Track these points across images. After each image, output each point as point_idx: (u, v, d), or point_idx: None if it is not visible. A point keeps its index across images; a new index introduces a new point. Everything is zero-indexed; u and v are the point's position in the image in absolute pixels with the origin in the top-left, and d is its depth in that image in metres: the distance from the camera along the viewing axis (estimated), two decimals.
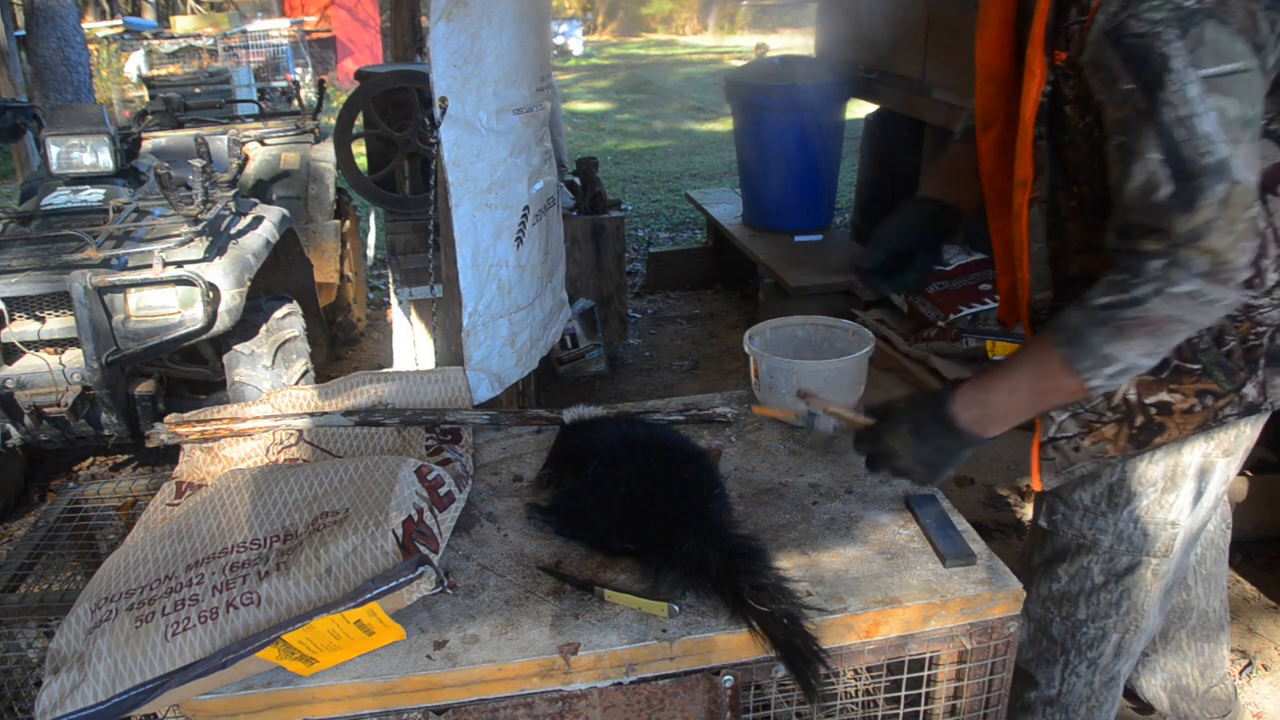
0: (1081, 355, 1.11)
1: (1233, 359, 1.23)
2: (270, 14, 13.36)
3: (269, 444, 1.56)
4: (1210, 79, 0.98)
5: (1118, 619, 1.45)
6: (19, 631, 1.84)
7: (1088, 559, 1.42)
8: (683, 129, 10.48)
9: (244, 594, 1.11)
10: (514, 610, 1.20)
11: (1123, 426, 1.30)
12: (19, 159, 5.95)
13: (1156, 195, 1.02)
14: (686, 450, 1.47)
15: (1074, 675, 1.50)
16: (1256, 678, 2.26)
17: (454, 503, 1.31)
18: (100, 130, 3.17)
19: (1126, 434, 1.30)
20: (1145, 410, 1.28)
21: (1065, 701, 1.53)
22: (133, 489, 2.10)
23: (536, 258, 2.02)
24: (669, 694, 1.17)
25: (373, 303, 5.23)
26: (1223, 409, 1.26)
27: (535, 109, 1.93)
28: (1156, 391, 1.27)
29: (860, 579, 1.24)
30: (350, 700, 1.10)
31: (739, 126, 4.83)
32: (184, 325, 2.73)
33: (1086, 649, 1.48)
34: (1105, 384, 1.13)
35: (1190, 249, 1.02)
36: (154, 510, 1.43)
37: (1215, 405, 1.26)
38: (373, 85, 3.58)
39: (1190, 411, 1.27)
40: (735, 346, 4.48)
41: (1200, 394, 1.25)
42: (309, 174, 4.24)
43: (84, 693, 1.05)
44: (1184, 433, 1.29)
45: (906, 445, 1.24)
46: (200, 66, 8.48)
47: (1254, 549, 2.72)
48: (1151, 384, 1.27)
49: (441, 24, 1.62)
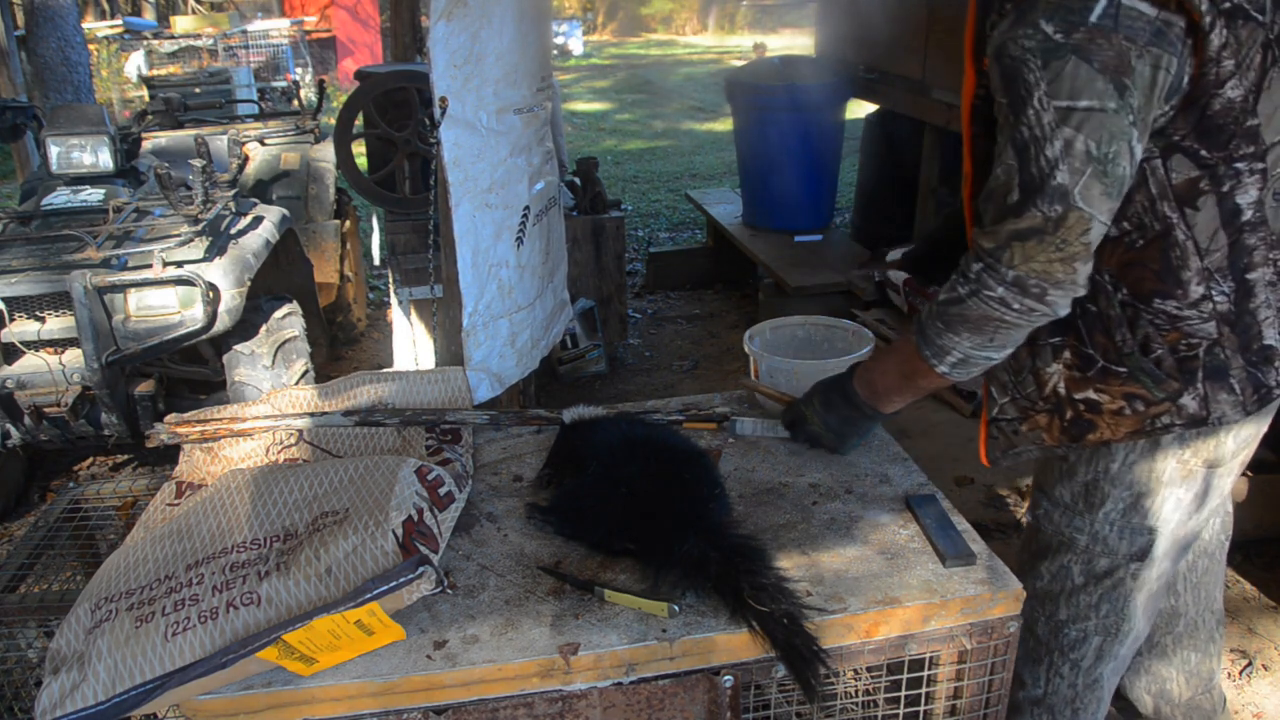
0: (924, 344, 1.25)
1: (1162, 367, 1.23)
2: (270, 14, 13.36)
3: (269, 444, 1.56)
4: (1062, 110, 1.03)
5: (1098, 622, 1.45)
6: (19, 631, 1.84)
7: (1067, 558, 1.44)
8: (683, 129, 10.48)
9: (244, 594, 1.11)
10: (514, 610, 1.20)
11: (1054, 418, 1.34)
12: (19, 159, 5.95)
13: (1006, 197, 1.10)
14: (686, 450, 1.47)
15: (1058, 676, 1.51)
16: (1256, 678, 2.26)
17: (454, 503, 1.31)
18: (100, 130, 3.17)
19: (1059, 425, 1.34)
20: (1074, 405, 1.31)
21: (1050, 702, 1.54)
22: (133, 489, 2.10)
23: (537, 258, 2.02)
24: (669, 694, 1.17)
25: (373, 303, 5.23)
26: (1158, 417, 1.26)
27: (536, 109, 1.93)
28: (1084, 389, 1.30)
29: (860, 579, 1.24)
30: (350, 700, 1.10)
31: (739, 126, 4.83)
32: (184, 325, 2.73)
33: (1069, 650, 1.49)
34: (953, 371, 1.24)
35: (1006, 256, 1.10)
36: (154, 510, 1.43)
37: (1149, 412, 1.26)
38: (373, 85, 3.58)
39: (1120, 414, 1.28)
40: (735, 346, 4.48)
41: (1128, 397, 1.26)
42: (309, 174, 4.24)
43: (84, 693, 1.05)
44: (1118, 434, 1.29)
45: (817, 415, 1.44)
46: (200, 66, 8.48)
47: (1254, 549, 2.72)
48: (1079, 380, 1.30)
49: (441, 24, 1.62)
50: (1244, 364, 1.22)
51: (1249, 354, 1.22)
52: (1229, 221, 1.16)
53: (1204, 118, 1.11)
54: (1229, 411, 1.24)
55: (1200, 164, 1.14)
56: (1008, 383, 1.39)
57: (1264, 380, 1.23)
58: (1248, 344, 1.22)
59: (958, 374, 1.25)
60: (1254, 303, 1.20)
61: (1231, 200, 1.15)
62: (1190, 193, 1.15)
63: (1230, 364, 1.22)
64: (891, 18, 3.92)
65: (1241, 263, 1.19)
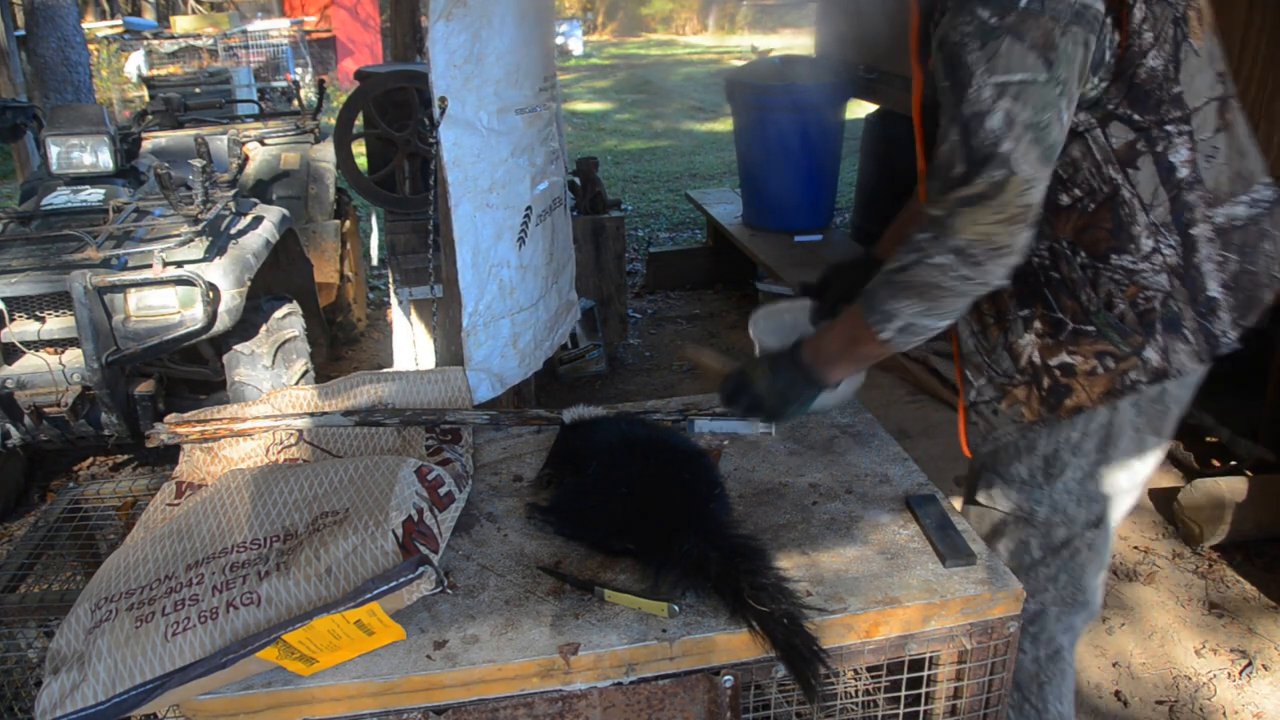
0: (869, 309, 1.29)
1: (1126, 322, 1.33)
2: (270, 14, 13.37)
3: (269, 444, 1.56)
4: (1002, 85, 1.14)
5: (1056, 593, 1.50)
6: (19, 631, 1.84)
7: (1026, 533, 1.49)
8: (683, 129, 10.48)
9: (244, 594, 1.11)
10: (514, 610, 1.20)
11: (1032, 389, 1.40)
12: (19, 159, 5.95)
13: (952, 170, 1.19)
14: (686, 450, 1.47)
15: (1020, 652, 1.54)
16: (1256, 678, 2.26)
17: (454, 503, 1.31)
18: (100, 130, 3.17)
19: (1038, 396, 1.40)
20: (1050, 372, 1.38)
21: (1016, 679, 1.56)
22: (133, 489, 2.09)
23: (540, 258, 2.01)
24: (669, 694, 1.17)
25: (373, 303, 5.23)
26: (1127, 373, 1.34)
27: (538, 109, 1.93)
28: (1057, 353, 1.37)
29: (860, 579, 1.24)
30: (350, 700, 1.10)
31: (739, 126, 4.83)
32: (184, 325, 2.73)
33: (1028, 624, 1.52)
34: (895, 338, 1.28)
35: (953, 223, 1.18)
36: (154, 510, 1.43)
37: (1118, 368, 1.35)
38: (373, 85, 3.58)
39: (1093, 373, 1.36)
40: (735, 346, 4.48)
41: (1099, 355, 1.35)
42: (309, 174, 4.24)
43: (84, 693, 1.05)
44: (1093, 395, 1.36)
45: (764, 379, 1.43)
46: (200, 66, 8.48)
47: (1254, 549, 2.72)
48: (1052, 346, 1.37)
49: (441, 24, 1.62)
50: (1194, 315, 1.32)
51: (1197, 305, 1.32)
52: (1166, 179, 1.28)
53: (1133, 86, 1.24)
54: (1186, 361, 1.33)
55: (1135, 127, 1.26)
56: (983, 363, 1.46)
57: (1212, 330, 1.33)
58: (1195, 295, 1.31)
59: (899, 341, 1.30)
60: (1197, 257, 1.30)
61: (1166, 159, 1.27)
62: (1130, 154, 1.27)
63: (1183, 315, 1.32)
64: (891, 18, 3.92)
65: (1183, 218, 1.29)
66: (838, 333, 1.39)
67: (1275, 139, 2.61)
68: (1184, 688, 2.25)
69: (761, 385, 1.43)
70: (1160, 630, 2.44)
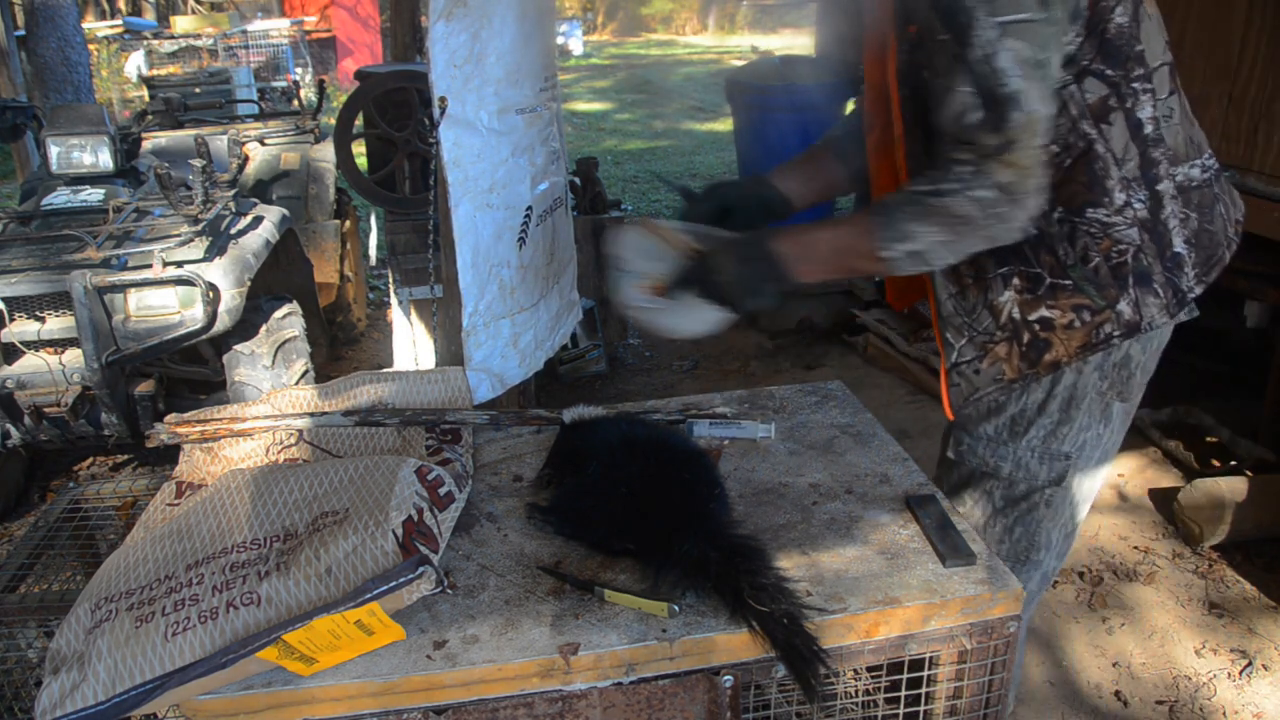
0: (885, 225, 1.29)
1: (1100, 275, 1.37)
2: (270, 14, 13.37)
3: (269, 444, 1.56)
4: (1005, 24, 1.18)
5: (1010, 546, 1.55)
6: (19, 631, 1.84)
7: (990, 484, 1.54)
8: (683, 129, 10.48)
9: (244, 594, 1.11)
10: (514, 610, 1.20)
11: (1013, 345, 1.44)
12: (19, 159, 5.95)
13: (967, 118, 1.22)
14: (686, 450, 1.47)
15: None
16: (1256, 678, 2.26)
17: (454, 503, 1.31)
18: (100, 130, 3.17)
19: (1018, 352, 1.44)
20: (1030, 326, 1.42)
21: None
22: (133, 489, 2.10)
23: (541, 258, 2.01)
24: (669, 694, 1.17)
25: (373, 303, 5.23)
26: (1102, 326, 1.38)
27: (539, 109, 1.93)
28: (1036, 308, 1.41)
29: (860, 579, 1.24)
30: (350, 700, 1.10)
31: (739, 126, 4.83)
32: (184, 325, 2.74)
33: None
34: (899, 258, 1.29)
35: (995, 161, 1.21)
36: (154, 510, 1.43)
37: (1094, 321, 1.38)
38: (373, 85, 3.58)
39: (1071, 327, 1.40)
40: (735, 346, 4.48)
41: (1077, 309, 1.39)
42: (309, 174, 4.24)
43: (84, 693, 1.05)
44: (1070, 349, 1.40)
45: (729, 264, 1.38)
46: (200, 66, 8.48)
47: (1254, 549, 2.72)
48: (1031, 301, 1.41)
49: (441, 23, 1.62)
50: (1162, 269, 1.37)
51: (1165, 260, 1.37)
52: (1135, 134, 1.33)
53: (1104, 41, 1.28)
54: (1156, 315, 1.38)
55: (1107, 82, 1.31)
56: (963, 324, 1.49)
57: (1179, 285, 1.38)
58: (1163, 250, 1.37)
59: (901, 265, 1.31)
60: (1164, 213, 1.36)
61: (1135, 115, 1.33)
62: (1103, 109, 1.32)
63: (1152, 270, 1.37)
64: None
65: (1150, 174, 1.35)
66: (828, 235, 1.39)
67: (1275, 139, 2.61)
68: (1184, 688, 2.25)
69: (727, 271, 1.38)
70: (1160, 630, 2.44)
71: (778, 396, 1.77)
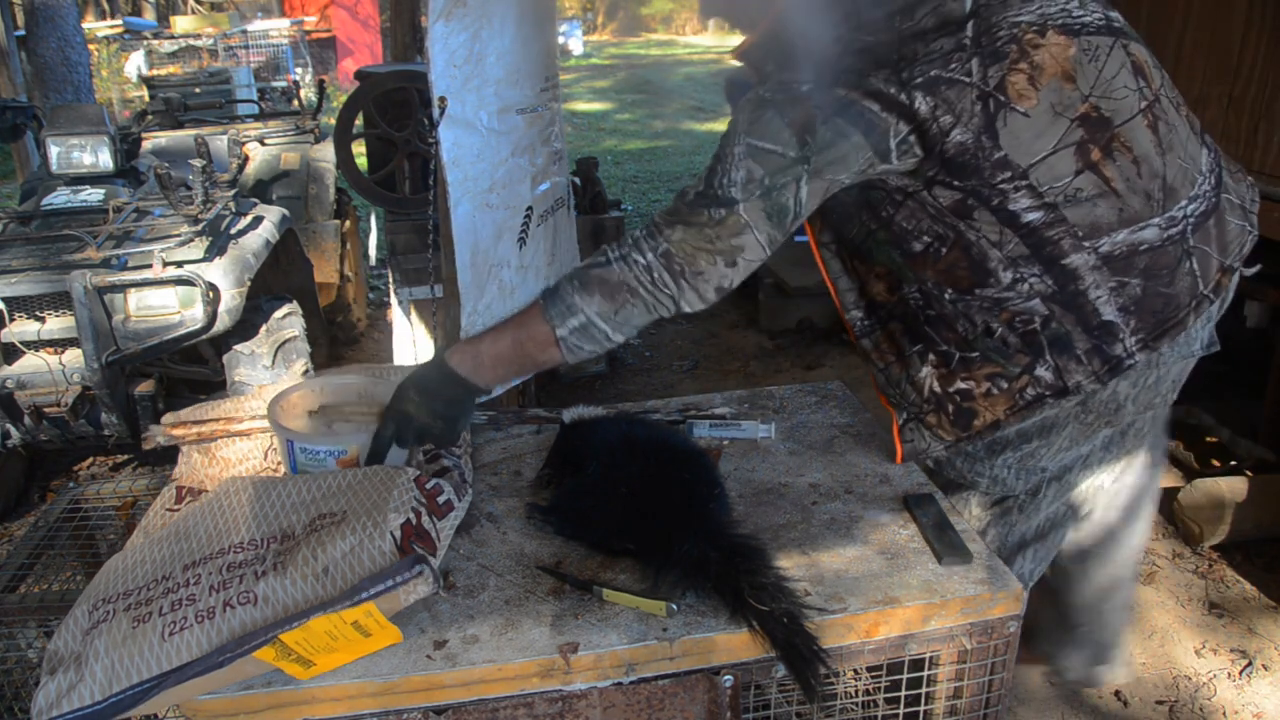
0: (552, 303, 1.30)
1: (1009, 345, 1.35)
2: (270, 14, 13.37)
3: (267, 446, 1.56)
4: (751, 146, 1.25)
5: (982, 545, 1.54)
6: (19, 631, 1.84)
7: (967, 493, 1.57)
8: (683, 129, 10.48)
9: (241, 593, 1.11)
10: (514, 610, 1.20)
11: (941, 414, 1.44)
12: (19, 159, 5.95)
13: (690, 193, 1.30)
14: (686, 450, 1.47)
15: None
16: (1256, 678, 2.26)
17: (453, 511, 1.30)
18: (100, 130, 3.17)
19: (948, 420, 1.44)
20: (951, 398, 1.42)
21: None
22: (133, 489, 2.10)
23: (542, 258, 2.01)
24: (669, 694, 1.17)
25: (373, 303, 5.23)
26: (1024, 389, 1.37)
27: (540, 109, 1.93)
28: (952, 381, 1.42)
29: (860, 579, 1.24)
30: (350, 700, 1.10)
31: None
32: (184, 325, 2.73)
33: None
34: (570, 336, 1.29)
35: (668, 232, 1.27)
36: (153, 515, 1.43)
37: (1013, 387, 1.37)
38: (373, 85, 3.58)
39: (990, 394, 1.39)
40: (735, 346, 4.48)
41: (991, 377, 1.38)
42: (309, 174, 4.24)
43: (80, 692, 1.05)
44: (997, 413, 1.40)
45: (422, 404, 1.35)
46: (200, 66, 8.48)
47: (1254, 549, 2.72)
48: (946, 375, 1.42)
49: (440, 24, 1.62)
50: (1087, 338, 1.32)
51: (1090, 330, 1.31)
52: (1010, 223, 1.29)
53: (945, 160, 1.26)
54: (1084, 381, 1.33)
55: (960, 190, 1.28)
56: (895, 395, 1.51)
57: (1111, 352, 1.32)
58: (1085, 321, 1.31)
59: (573, 342, 1.30)
60: (1081, 285, 1.30)
61: (1005, 210, 1.28)
62: (962, 209, 1.30)
63: (1073, 337, 1.32)
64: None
65: (1046, 252, 1.29)
66: (508, 331, 1.34)
67: (1275, 139, 2.61)
68: (1184, 688, 2.25)
69: (424, 414, 1.33)
70: (1160, 630, 2.43)
71: (778, 396, 1.77)
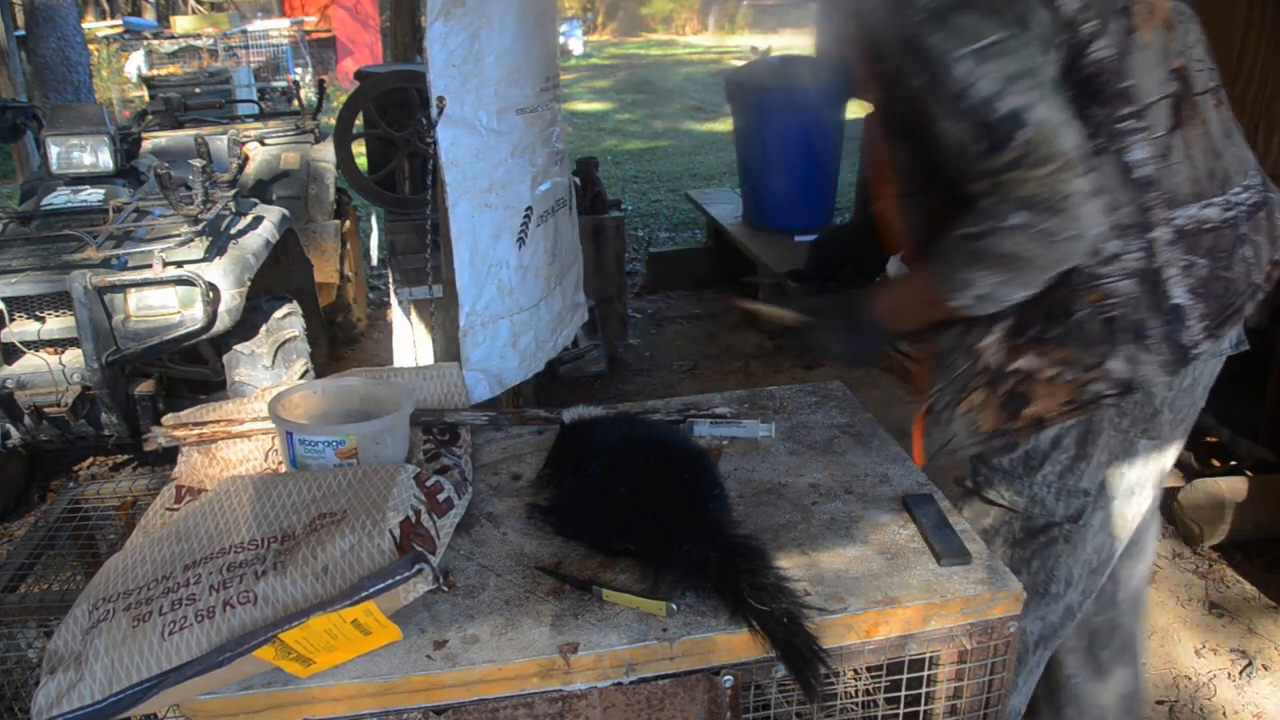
0: (942, 276, 1.25)
1: (1087, 330, 1.29)
2: (270, 14, 13.37)
3: (267, 447, 1.56)
4: (975, 53, 1.14)
5: (1029, 578, 1.48)
6: (19, 631, 1.84)
7: (1009, 515, 1.49)
8: (683, 129, 10.48)
9: (241, 593, 1.11)
10: (514, 610, 1.20)
11: (990, 393, 1.37)
12: (19, 159, 5.95)
13: (969, 150, 1.18)
14: (686, 450, 1.47)
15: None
16: (1256, 678, 2.26)
17: (453, 509, 1.30)
18: (100, 130, 3.17)
19: (995, 403, 1.37)
20: (1009, 377, 1.35)
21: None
22: (133, 489, 2.10)
23: (542, 259, 2.01)
24: (669, 694, 1.17)
25: (373, 303, 5.23)
26: (1090, 384, 1.30)
27: (540, 109, 1.93)
28: (1017, 357, 1.34)
29: (860, 579, 1.23)
30: (350, 700, 1.10)
31: (739, 126, 4.83)
32: (184, 325, 2.73)
33: None
34: (973, 304, 1.25)
35: (1008, 183, 1.15)
36: (153, 515, 1.43)
37: (1081, 379, 1.30)
38: (373, 85, 3.58)
39: (1053, 381, 1.32)
40: (735, 346, 4.48)
41: (1061, 363, 1.31)
42: (309, 174, 4.24)
43: (80, 692, 1.05)
44: (1052, 405, 1.33)
45: (836, 336, 1.44)
46: (200, 66, 8.48)
47: (1254, 549, 2.72)
48: (1013, 349, 1.34)
49: (439, 23, 1.62)
50: (1160, 324, 1.27)
51: (1162, 314, 1.27)
52: (1126, 178, 1.24)
53: (1081, 79, 1.20)
54: (1152, 374, 1.28)
55: (1090, 122, 1.21)
56: (940, 367, 1.44)
57: (1180, 340, 1.28)
58: (1158, 303, 1.27)
59: (980, 308, 1.26)
60: (1157, 262, 1.26)
61: (1121, 159, 1.24)
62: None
63: (1147, 324, 1.27)
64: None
65: (1144, 220, 1.26)
66: (912, 293, 1.38)
67: (1275, 139, 2.61)
68: (1184, 688, 2.25)
69: (835, 340, 1.46)
70: (1160, 630, 2.43)
71: (778, 396, 1.77)
